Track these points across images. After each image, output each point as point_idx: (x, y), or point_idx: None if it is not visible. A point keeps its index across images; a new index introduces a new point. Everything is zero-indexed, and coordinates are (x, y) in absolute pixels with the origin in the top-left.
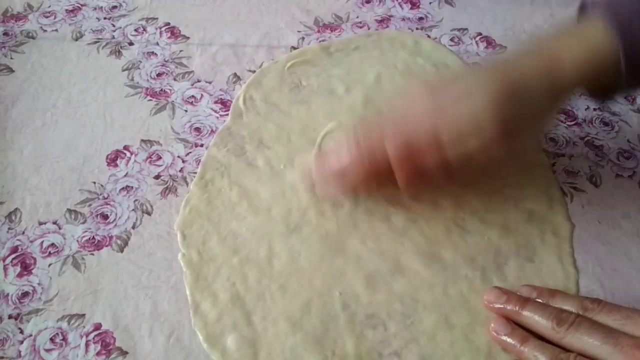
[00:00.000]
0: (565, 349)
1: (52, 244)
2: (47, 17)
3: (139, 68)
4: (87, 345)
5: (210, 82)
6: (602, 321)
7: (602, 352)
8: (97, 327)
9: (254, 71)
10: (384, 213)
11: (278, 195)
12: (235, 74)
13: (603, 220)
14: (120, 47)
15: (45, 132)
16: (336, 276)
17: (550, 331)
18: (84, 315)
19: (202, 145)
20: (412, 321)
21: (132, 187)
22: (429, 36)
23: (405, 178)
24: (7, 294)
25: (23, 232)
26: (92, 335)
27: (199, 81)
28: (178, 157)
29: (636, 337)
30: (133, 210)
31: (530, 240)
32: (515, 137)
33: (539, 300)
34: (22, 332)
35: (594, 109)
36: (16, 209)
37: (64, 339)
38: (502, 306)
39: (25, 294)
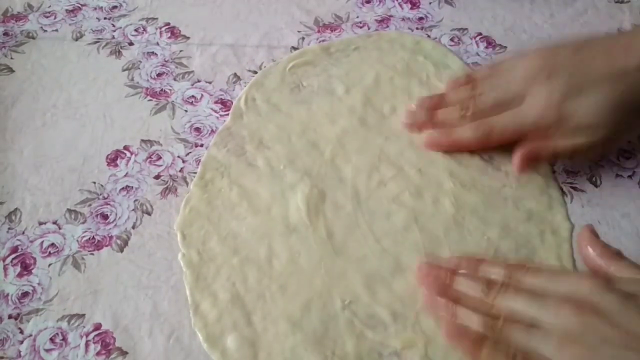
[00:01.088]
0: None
1: (52, 244)
2: (47, 17)
3: (139, 68)
4: (87, 345)
5: (210, 82)
6: (528, 284)
7: (529, 311)
8: (97, 327)
9: (254, 71)
10: (385, 213)
11: (278, 195)
12: (235, 74)
13: (603, 220)
14: (120, 47)
15: (45, 132)
16: (336, 276)
17: (479, 302)
18: (84, 315)
19: (202, 145)
20: (412, 321)
21: (132, 187)
22: (428, 36)
23: (520, 162)
24: (7, 294)
25: (23, 232)
26: (92, 335)
27: (199, 81)
28: (178, 157)
29: (560, 293)
30: (133, 210)
31: (530, 240)
32: (620, 139)
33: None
34: (22, 332)
35: None
36: (16, 209)
37: (64, 339)
38: (432, 280)
39: (25, 294)
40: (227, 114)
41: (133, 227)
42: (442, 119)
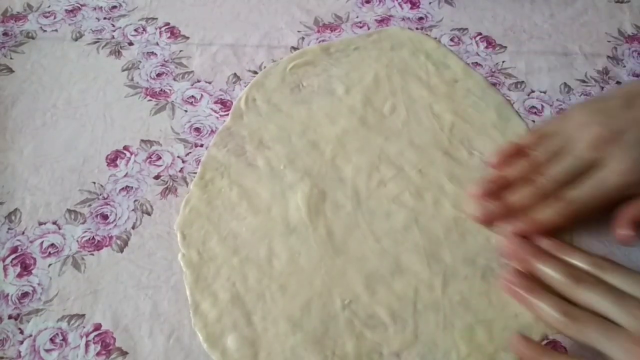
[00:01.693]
0: (575, 304)
1: (52, 244)
2: (47, 17)
3: (139, 68)
4: (87, 345)
5: (210, 82)
6: (613, 282)
7: (612, 312)
8: (97, 327)
9: (254, 71)
10: (385, 213)
11: (278, 195)
12: (235, 74)
13: (603, 220)
14: (120, 47)
15: (45, 132)
16: (336, 276)
17: (563, 286)
18: (84, 315)
19: (202, 146)
20: (412, 321)
21: (132, 187)
22: (428, 36)
23: (629, 231)
24: (7, 294)
25: (23, 232)
26: (92, 335)
27: (199, 81)
28: (178, 157)
29: None
30: (133, 210)
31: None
32: None
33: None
34: (22, 332)
35: None
36: (16, 209)
37: (64, 339)
38: (518, 253)
39: (25, 294)
40: (227, 114)
41: (133, 227)
42: (514, 202)
